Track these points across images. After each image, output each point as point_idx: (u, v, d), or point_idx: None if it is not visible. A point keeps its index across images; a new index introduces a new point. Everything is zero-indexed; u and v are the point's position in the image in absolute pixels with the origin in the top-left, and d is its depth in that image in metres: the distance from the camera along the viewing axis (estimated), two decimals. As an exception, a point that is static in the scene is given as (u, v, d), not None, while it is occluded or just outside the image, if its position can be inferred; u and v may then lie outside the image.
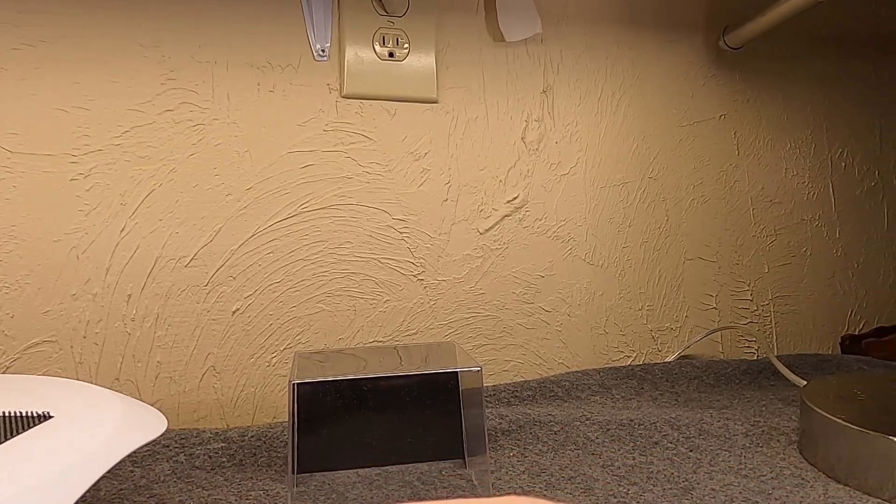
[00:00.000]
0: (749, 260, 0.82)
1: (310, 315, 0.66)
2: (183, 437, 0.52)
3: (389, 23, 0.67)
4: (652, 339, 0.78)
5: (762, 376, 0.73)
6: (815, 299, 0.84)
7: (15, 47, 0.58)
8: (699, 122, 0.79)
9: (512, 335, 0.73)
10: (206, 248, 0.63)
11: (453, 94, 0.70)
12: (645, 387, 0.68)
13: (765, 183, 0.82)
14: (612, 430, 0.55)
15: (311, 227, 0.66)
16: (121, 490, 0.46)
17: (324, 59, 0.66)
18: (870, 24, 0.87)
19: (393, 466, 0.51)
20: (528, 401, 0.65)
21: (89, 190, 0.60)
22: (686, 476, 0.47)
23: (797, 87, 0.83)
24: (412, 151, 0.69)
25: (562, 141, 0.74)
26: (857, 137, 0.86)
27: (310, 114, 0.66)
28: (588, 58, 0.75)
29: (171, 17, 0.62)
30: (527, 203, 0.73)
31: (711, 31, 0.80)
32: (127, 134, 0.61)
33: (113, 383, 0.61)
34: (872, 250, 0.87)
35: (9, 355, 0.58)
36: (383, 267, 0.68)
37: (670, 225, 0.78)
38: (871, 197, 0.87)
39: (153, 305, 0.62)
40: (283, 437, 0.54)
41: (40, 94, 0.59)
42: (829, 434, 0.48)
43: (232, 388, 0.64)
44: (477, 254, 0.72)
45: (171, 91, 0.62)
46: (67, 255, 0.60)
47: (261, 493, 0.46)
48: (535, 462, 0.51)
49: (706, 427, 0.55)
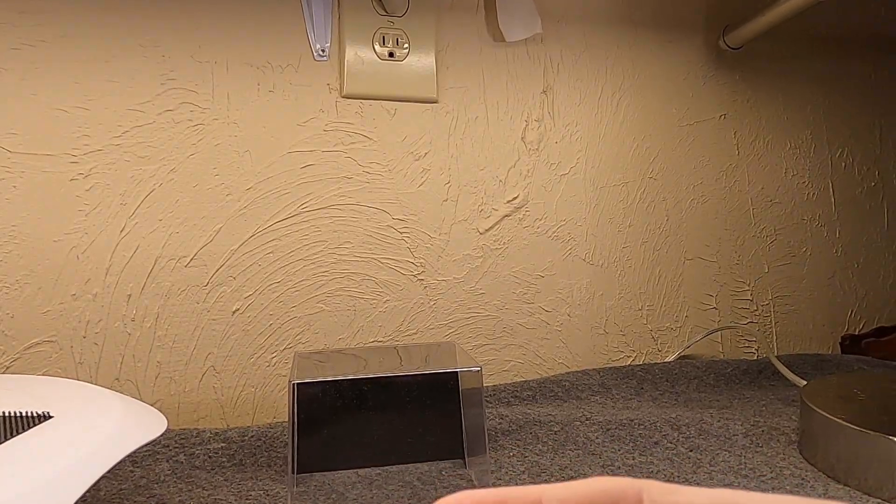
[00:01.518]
0: (749, 260, 0.82)
1: (310, 315, 0.66)
2: (183, 437, 0.52)
3: (389, 23, 0.67)
4: (652, 339, 0.78)
5: (762, 376, 0.73)
6: (815, 299, 0.84)
7: (15, 47, 0.58)
8: (699, 122, 0.79)
9: (512, 335, 0.73)
10: (206, 248, 0.63)
11: (453, 94, 0.70)
12: (645, 387, 0.68)
13: (765, 183, 0.82)
14: (612, 430, 0.55)
15: (311, 227, 0.66)
16: (121, 490, 0.46)
17: (324, 59, 0.66)
18: (870, 24, 0.87)
19: (393, 466, 0.51)
20: (528, 401, 0.65)
21: (89, 190, 0.60)
22: (686, 476, 0.47)
23: (797, 87, 0.83)
24: (412, 151, 0.69)
25: (562, 141, 0.74)
26: (857, 137, 0.86)
27: (310, 114, 0.66)
28: (588, 58, 0.75)
29: (171, 16, 0.62)
30: (527, 203, 0.73)
31: (711, 31, 0.80)
32: (127, 134, 0.61)
33: (113, 383, 0.61)
34: (872, 250, 0.87)
35: (9, 355, 0.58)
36: (383, 267, 0.68)
37: (670, 225, 0.78)
38: (871, 197, 0.87)
39: (153, 305, 0.62)
40: (283, 437, 0.54)
41: (40, 94, 0.59)
42: (829, 434, 0.48)
43: (232, 388, 0.64)
44: (477, 254, 0.72)
45: (171, 91, 0.62)
46: (67, 255, 0.60)
47: (261, 493, 0.46)
48: (535, 462, 0.51)
49: (706, 427, 0.55)
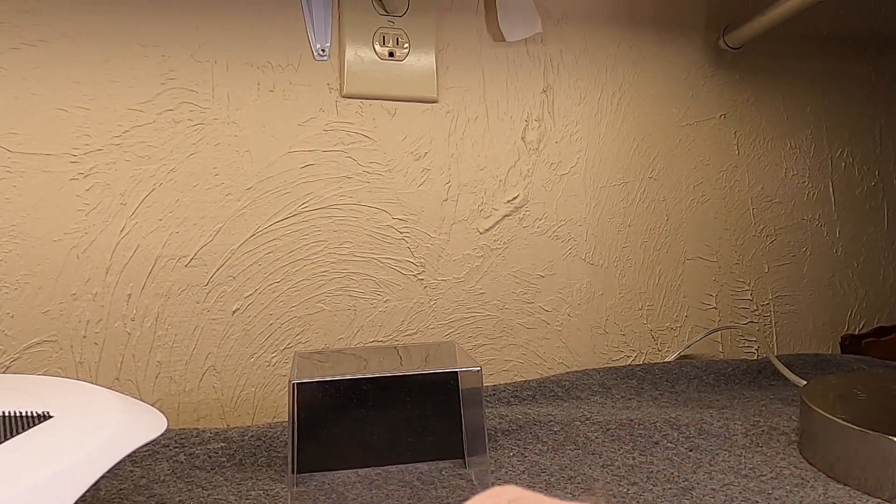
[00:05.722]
0: (749, 260, 0.82)
1: (310, 315, 0.66)
2: (183, 437, 0.52)
3: (389, 22, 0.67)
4: (652, 339, 0.78)
5: (762, 376, 0.73)
6: (815, 299, 0.84)
7: (15, 47, 0.58)
8: (699, 121, 0.79)
9: (512, 335, 0.73)
10: (206, 247, 0.63)
11: (453, 93, 0.70)
12: (645, 387, 0.68)
13: (765, 183, 0.82)
14: (612, 430, 0.55)
15: (311, 227, 0.66)
16: (121, 490, 0.46)
17: (324, 58, 0.66)
18: (870, 24, 0.87)
19: (393, 466, 0.51)
20: (528, 401, 0.65)
21: (89, 190, 0.60)
22: (686, 476, 0.47)
23: (797, 87, 0.83)
24: (412, 151, 0.69)
25: (562, 141, 0.74)
26: (857, 137, 0.86)
27: (310, 113, 0.66)
28: (588, 58, 0.75)
29: (171, 17, 0.62)
30: (527, 203, 0.73)
31: (711, 31, 0.80)
32: (127, 134, 0.61)
33: (113, 383, 0.61)
34: (872, 250, 0.87)
35: (9, 355, 0.58)
36: (383, 267, 0.68)
37: (670, 225, 0.78)
38: (871, 197, 0.87)
39: (153, 305, 0.62)
40: (283, 437, 0.54)
41: (40, 93, 0.59)
42: (829, 434, 0.48)
43: (232, 388, 0.64)
44: (477, 253, 0.71)
45: (171, 91, 0.62)
46: (67, 254, 0.60)
47: (261, 493, 0.46)
48: (535, 462, 0.51)
49: (706, 427, 0.55)
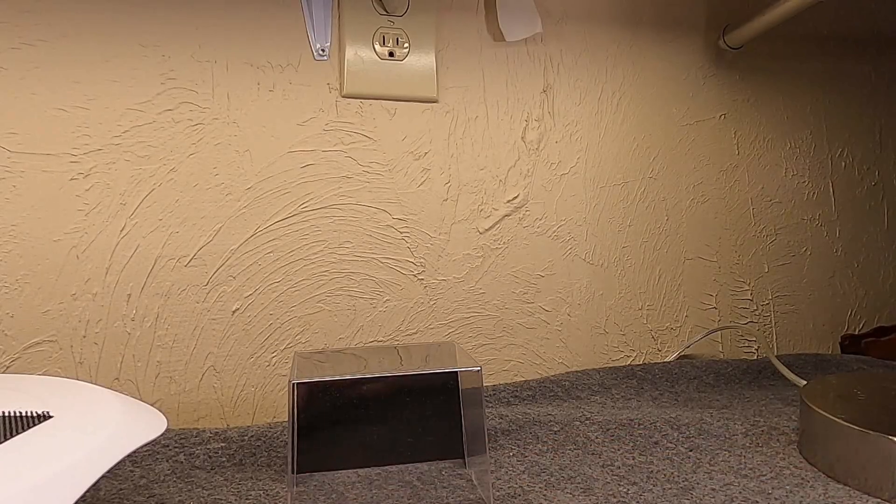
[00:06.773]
0: (749, 260, 0.82)
1: (310, 315, 0.66)
2: (183, 437, 0.52)
3: (389, 22, 0.67)
4: (652, 339, 0.78)
5: (762, 376, 0.73)
6: (815, 299, 0.84)
7: (15, 47, 0.58)
8: (699, 121, 0.79)
9: (512, 335, 0.73)
10: (206, 247, 0.63)
11: (453, 93, 0.70)
12: (645, 387, 0.68)
13: (765, 183, 0.82)
14: (612, 430, 0.55)
15: (311, 226, 0.66)
16: (121, 490, 0.46)
17: (324, 58, 0.66)
18: (870, 24, 0.87)
19: (393, 466, 0.51)
20: (528, 401, 0.65)
21: (89, 190, 0.60)
22: (686, 476, 0.47)
23: (797, 87, 0.83)
24: (412, 151, 0.69)
25: (562, 141, 0.74)
26: (857, 137, 0.86)
27: (310, 113, 0.66)
28: (588, 58, 0.75)
29: (170, 16, 0.62)
30: (527, 203, 0.73)
31: (711, 31, 0.80)
32: (127, 133, 0.61)
33: (113, 383, 0.61)
34: (872, 250, 0.87)
35: (9, 355, 0.58)
36: (383, 267, 0.68)
37: (670, 225, 0.78)
38: (871, 197, 0.87)
39: (153, 305, 0.62)
40: (283, 437, 0.54)
41: (40, 93, 0.59)
42: (829, 434, 0.48)
43: (232, 388, 0.64)
44: (477, 253, 0.71)
45: (171, 91, 0.62)
46: (67, 254, 0.60)
47: (261, 493, 0.46)
48: (535, 462, 0.51)
49: (706, 427, 0.55)
